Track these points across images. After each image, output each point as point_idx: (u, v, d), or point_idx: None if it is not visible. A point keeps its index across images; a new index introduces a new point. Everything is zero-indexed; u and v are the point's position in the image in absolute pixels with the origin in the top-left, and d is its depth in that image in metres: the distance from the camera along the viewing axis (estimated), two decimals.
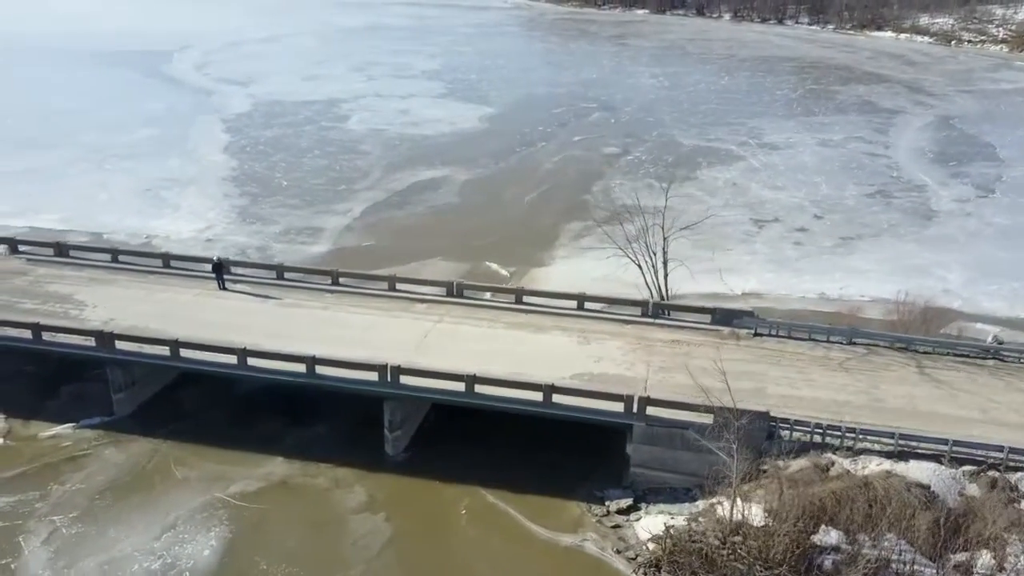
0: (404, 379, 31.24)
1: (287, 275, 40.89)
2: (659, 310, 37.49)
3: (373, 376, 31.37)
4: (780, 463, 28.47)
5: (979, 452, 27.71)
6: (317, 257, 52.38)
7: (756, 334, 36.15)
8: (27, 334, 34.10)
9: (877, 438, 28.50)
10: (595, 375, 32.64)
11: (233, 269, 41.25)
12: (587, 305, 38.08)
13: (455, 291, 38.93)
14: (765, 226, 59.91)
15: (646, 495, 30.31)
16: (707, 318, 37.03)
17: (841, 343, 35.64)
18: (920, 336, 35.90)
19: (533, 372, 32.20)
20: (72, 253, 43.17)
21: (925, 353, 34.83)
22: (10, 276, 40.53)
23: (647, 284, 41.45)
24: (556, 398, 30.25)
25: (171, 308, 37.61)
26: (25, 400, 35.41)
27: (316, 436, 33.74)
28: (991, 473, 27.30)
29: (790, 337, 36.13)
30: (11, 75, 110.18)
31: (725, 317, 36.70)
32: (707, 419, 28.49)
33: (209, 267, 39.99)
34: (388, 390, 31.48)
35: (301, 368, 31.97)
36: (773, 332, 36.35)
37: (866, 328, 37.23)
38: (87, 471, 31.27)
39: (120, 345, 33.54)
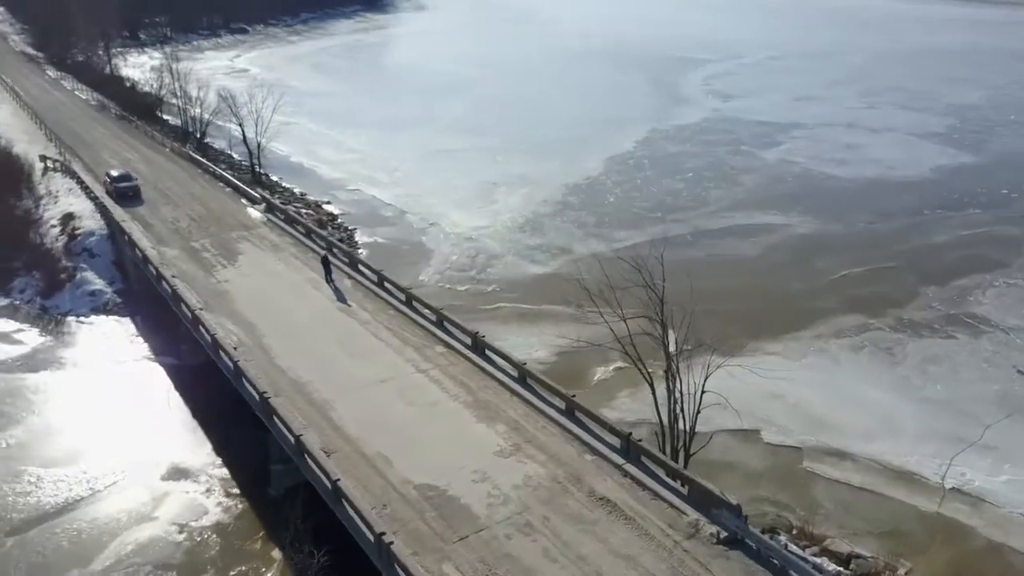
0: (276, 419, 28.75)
1: (386, 284, 40.13)
2: (636, 453, 26.37)
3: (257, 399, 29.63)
4: None
5: None
6: (527, 278, 49.81)
7: (730, 540, 22.95)
8: (153, 273, 40.98)
9: None
10: (437, 492, 25.10)
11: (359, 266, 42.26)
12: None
13: (476, 345, 33.42)
14: None
15: None
16: (685, 489, 24.83)
17: None
18: None
19: (399, 461, 26.58)
20: (295, 224, 49.11)
21: None
22: (234, 229, 48.28)
23: (661, 424, 29.27)
24: (344, 500, 24.45)
25: (271, 283, 40.75)
26: (161, 330, 42.34)
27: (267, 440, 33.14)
28: None
29: (780, 569, 22.04)
30: (549, 71, 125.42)
31: (702, 499, 24.07)
32: None
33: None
34: (264, 420, 29.39)
35: (231, 364, 31.88)
36: (761, 551, 22.61)
37: None
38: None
39: (183, 307, 37.83)
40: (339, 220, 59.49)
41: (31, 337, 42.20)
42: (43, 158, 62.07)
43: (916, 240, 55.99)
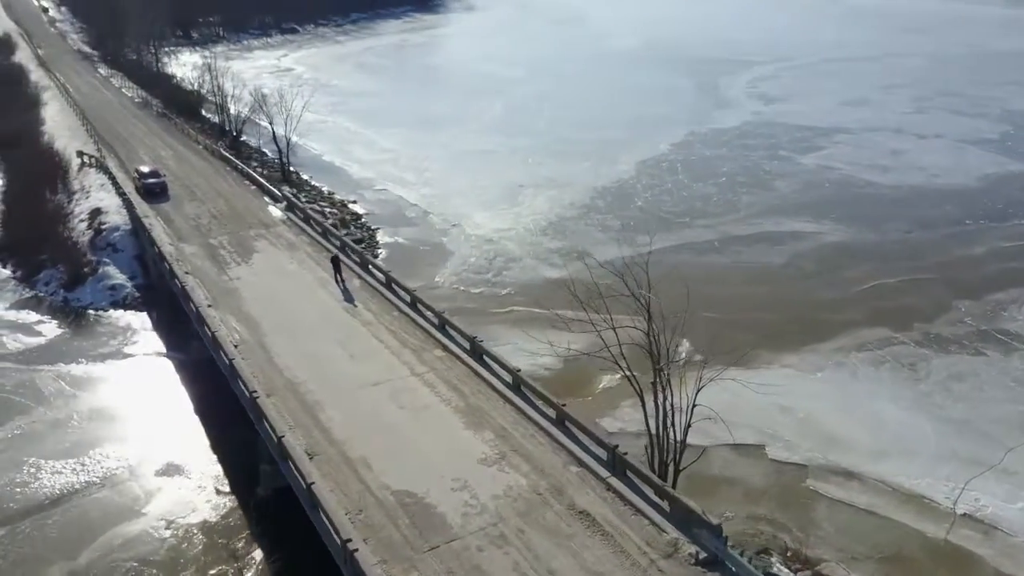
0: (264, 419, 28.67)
1: (393, 286, 39.89)
2: (621, 467, 25.54)
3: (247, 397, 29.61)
4: None
5: None
6: (543, 281, 49.00)
7: (709, 562, 22.04)
8: (167, 269, 41.40)
9: None
10: (415, 499, 24.66)
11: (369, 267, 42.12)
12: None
13: (473, 350, 32.93)
14: None
15: None
16: (667, 505, 23.97)
17: None
18: None
19: (381, 466, 26.32)
20: (313, 223, 49.25)
21: None
22: (253, 227, 48.64)
23: (650, 437, 28.22)
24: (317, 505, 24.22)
25: (281, 282, 40.94)
26: (174, 326, 42.75)
27: (257, 440, 33.19)
28: None
29: None
30: (590, 71, 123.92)
31: (684, 518, 23.19)
32: None
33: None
34: (253, 419, 29.34)
35: (227, 362, 31.97)
36: (740, 574, 21.67)
37: None
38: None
39: (191, 303, 38.11)
40: (363, 220, 59.64)
41: (50, 329, 43.10)
42: (80, 154, 63.52)
43: (954, 251, 53.74)
